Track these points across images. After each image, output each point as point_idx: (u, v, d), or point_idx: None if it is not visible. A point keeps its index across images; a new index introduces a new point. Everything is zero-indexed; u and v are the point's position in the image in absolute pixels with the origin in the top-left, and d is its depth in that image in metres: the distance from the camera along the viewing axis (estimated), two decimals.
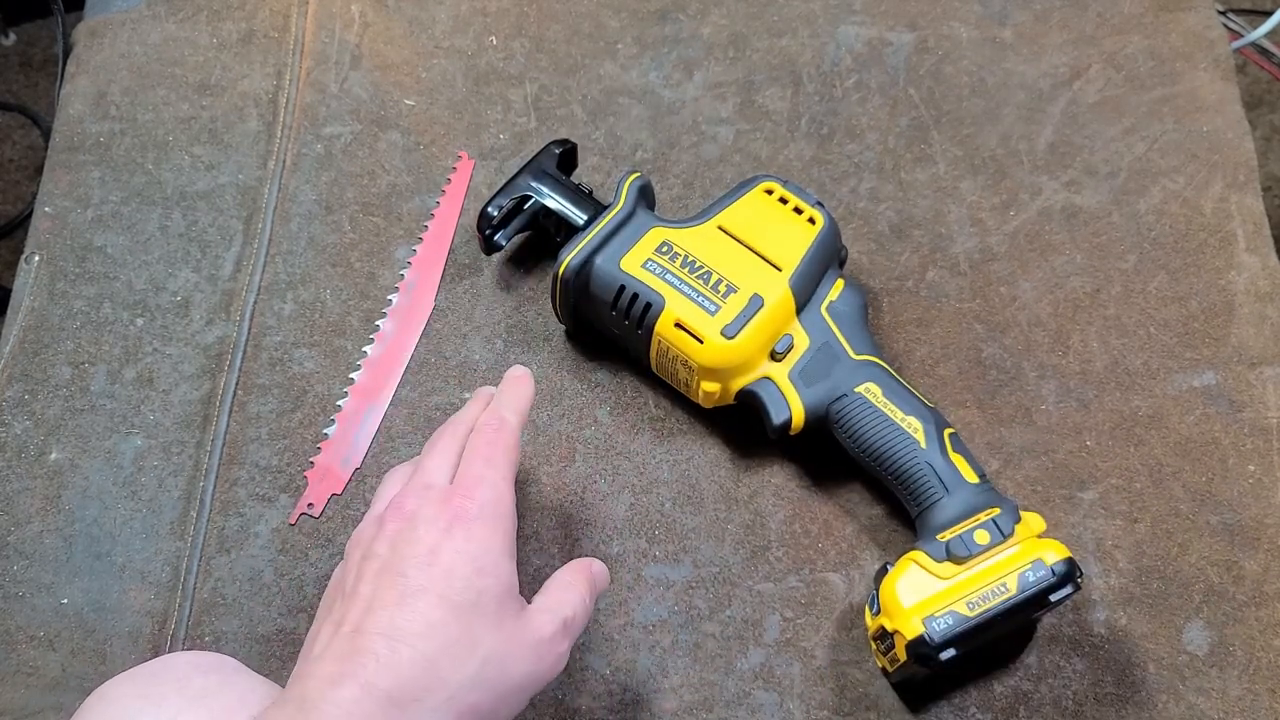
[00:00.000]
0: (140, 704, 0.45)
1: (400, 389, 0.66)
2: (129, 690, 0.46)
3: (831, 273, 0.62)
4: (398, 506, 0.47)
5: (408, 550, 0.45)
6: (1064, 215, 0.70)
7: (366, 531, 0.48)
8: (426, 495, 0.47)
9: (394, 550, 0.46)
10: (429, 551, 0.45)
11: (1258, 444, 0.63)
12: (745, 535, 0.62)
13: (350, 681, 0.41)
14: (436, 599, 0.44)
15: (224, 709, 0.45)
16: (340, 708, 0.41)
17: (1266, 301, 0.66)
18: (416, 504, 0.47)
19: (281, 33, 0.77)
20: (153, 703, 0.45)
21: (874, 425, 0.58)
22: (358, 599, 0.45)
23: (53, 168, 0.73)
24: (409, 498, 0.48)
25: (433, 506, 0.47)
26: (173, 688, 0.46)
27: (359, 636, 0.43)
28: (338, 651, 0.43)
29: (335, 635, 0.44)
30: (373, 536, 0.47)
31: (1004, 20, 0.77)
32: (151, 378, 0.66)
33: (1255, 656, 0.58)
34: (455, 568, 0.45)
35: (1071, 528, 0.61)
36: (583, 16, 0.78)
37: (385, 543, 0.46)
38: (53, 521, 0.62)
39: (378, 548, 0.46)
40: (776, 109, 0.74)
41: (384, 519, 0.47)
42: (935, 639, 0.52)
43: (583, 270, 0.61)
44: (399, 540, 0.46)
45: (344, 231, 0.71)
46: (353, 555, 0.48)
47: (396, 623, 0.43)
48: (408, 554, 0.45)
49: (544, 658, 0.47)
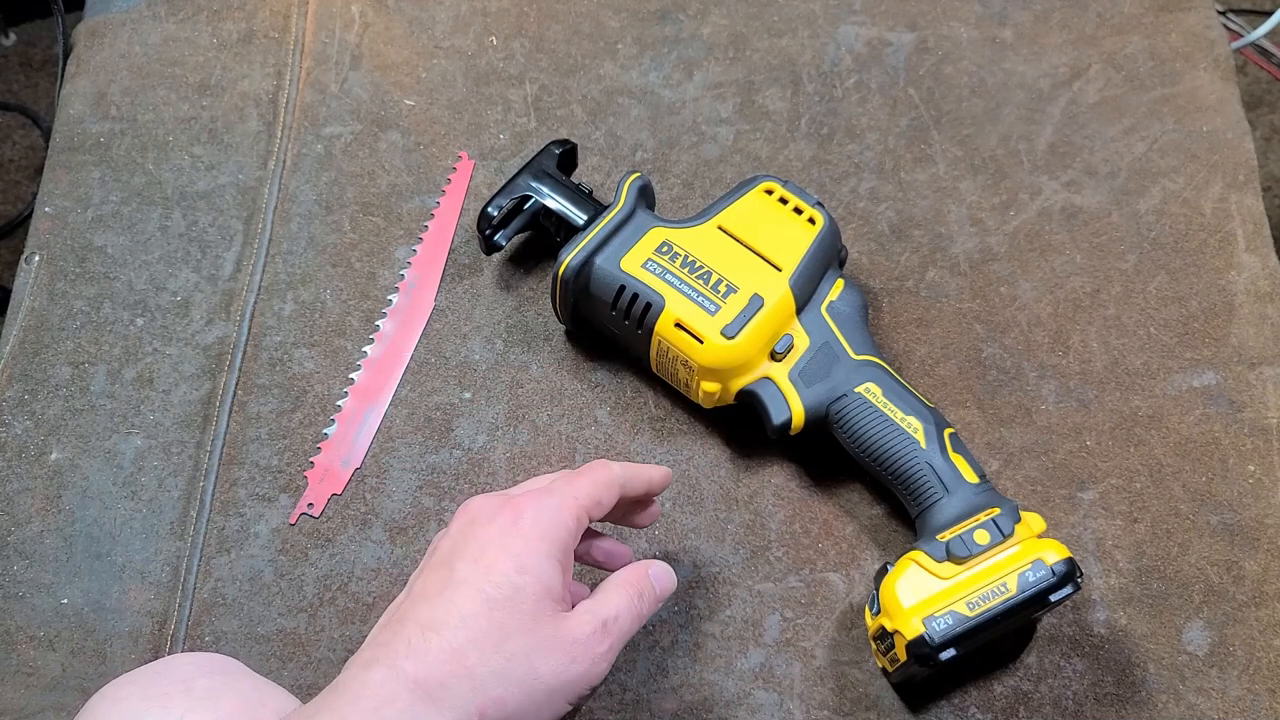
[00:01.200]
0: (146, 705, 0.45)
1: (400, 389, 0.66)
2: (133, 691, 0.46)
3: (831, 273, 0.62)
4: (465, 507, 0.49)
5: (463, 546, 0.47)
6: (1064, 215, 0.70)
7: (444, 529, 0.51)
8: (490, 498, 0.49)
9: (452, 546, 0.47)
10: (479, 548, 0.46)
11: (1258, 444, 0.63)
12: (745, 535, 0.62)
13: (380, 665, 0.43)
14: (474, 591, 0.45)
15: (231, 709, 0.45)
16: (368, 688, 0.42)
17: (1266, 301, 0.66)
18: (481, 505, 0.48)
19: (281, 33, 0.77)
20: (159, 704, 0.45)
21: (874, 425, 0.58)
22: (411, 592, 0.47)
23: (53, 168, 0.73)
24: (478, 500, 0.49)
25: (494, 506, 0.48)
26: (178, 688, 0.46)
27: (399, 625, 0.44)
28: (377, 638, 0.45)
29: (384, 625, 0.46)
30: (442, 534, 0.49)
31: (1004, 20, 0.77)
32: (151, 378, 0.66)
33: (1255, 657, 0.58)
34: (497, 563, 0.45)
35: (1071, 528, 0.61)
36: (583, 16, 0.78)
37: (449, 539, 0.48)
38: (53, 521, 0.62)
39: (442, 544, 0.48)
40: (776, 109, 0.74)
41: (454, 519, 0.49)
42: (935, 639, 0.52)
43: (583, 270, 0.61)
44: (459, 537, 0.47)
45: (344, 231, 0.71)
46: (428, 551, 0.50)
47: (434, 613, 0.44)
48: (461, 550, 0.46)
49: (578, 658, 0.46)
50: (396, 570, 0.61)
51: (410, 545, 0.62)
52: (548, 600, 0.46)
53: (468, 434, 0.64)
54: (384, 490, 0.63)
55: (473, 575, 0.45)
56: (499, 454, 0.64)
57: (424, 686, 0.42)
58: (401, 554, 0.61)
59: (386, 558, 0.61)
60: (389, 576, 0.61)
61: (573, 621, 0.46)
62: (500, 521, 0.47)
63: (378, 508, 0.63)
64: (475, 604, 0.44)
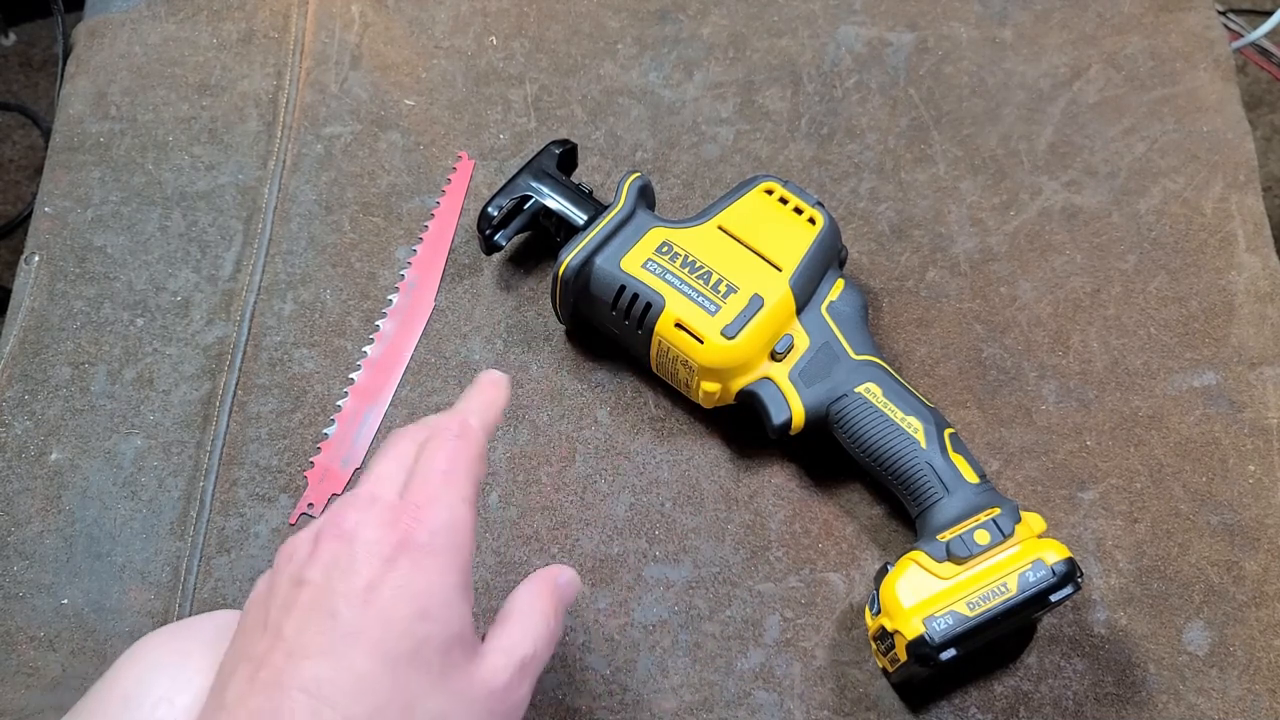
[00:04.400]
0: (166, 659, 0.45)
1: (400, 389, 0.66)
2: (156, 646, 0.46)
3: (831, 273, 0.62)
4: (336, 523, 0.40)
5: (342, 582, 0.38)
6: (1064, 215, 0.70)
7: (302, 545, 0.40)
8: (370, 511, 0.40)
9: (327, 579, 0.38)
10: (366, 586, 0.38)
11: (1258, 444, 0.63)
12: (745, 535, 0.62)
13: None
14: (370, 648, 0.37)
15: None
16: None
17: (1266, 301, 0.66)
18: (357, 522, 0.39)
19: (281, 33, 0.77)
20: (178, 658, 0.44)
21: (874, 425, 0.58)
22: (281, 639, 0.37)
23: (53, 168, 0.73)
24: (350, 512, 0.40)
25: (376, 527, 0.39)
26: (201, 647, 0.45)
27: (278, 692, 0.36)
28: (253, 708, 0.36)
29: (252, 683, 0.37)
30: (307, 555, 0.39)
31: (1004, 20, 0.77)
32: (151, 378, 0.66)
33: (1255, 657, 0.58)
34: (395, 609, 0.38)
35: (1072, 528, 0.61)
36: (583, 16, 0.78)
37: (319, 567, 0.39)
38: (53, 522, 0.62)
39: (310, 572, 0.39)
40: (776, 109, 0.74)
41: (320, 536, 0.40)
42: (935, 639, 0.52)
43: (583, 270, 0.61)
44: (334, 567, 0.38)
45: (344, 231, 0.71)
46: (283, 571, 0.40)
47: (321, 676, 0.36)
48: (341, 587, 0.38)
49: (496, 710, 0.40)
50: None
51: None
52: (456, 647, 0.39)
53: None
54: None
55: (365, 625, 0.37)
56: (499, 454, 0.64)
57: None
58: None
59: None
60: None
61: (486, 668, 0.40)
62: (387, 547, 0.39)
63: None
64: (373, 663, 0.37)
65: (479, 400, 0.45)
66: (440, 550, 0.39)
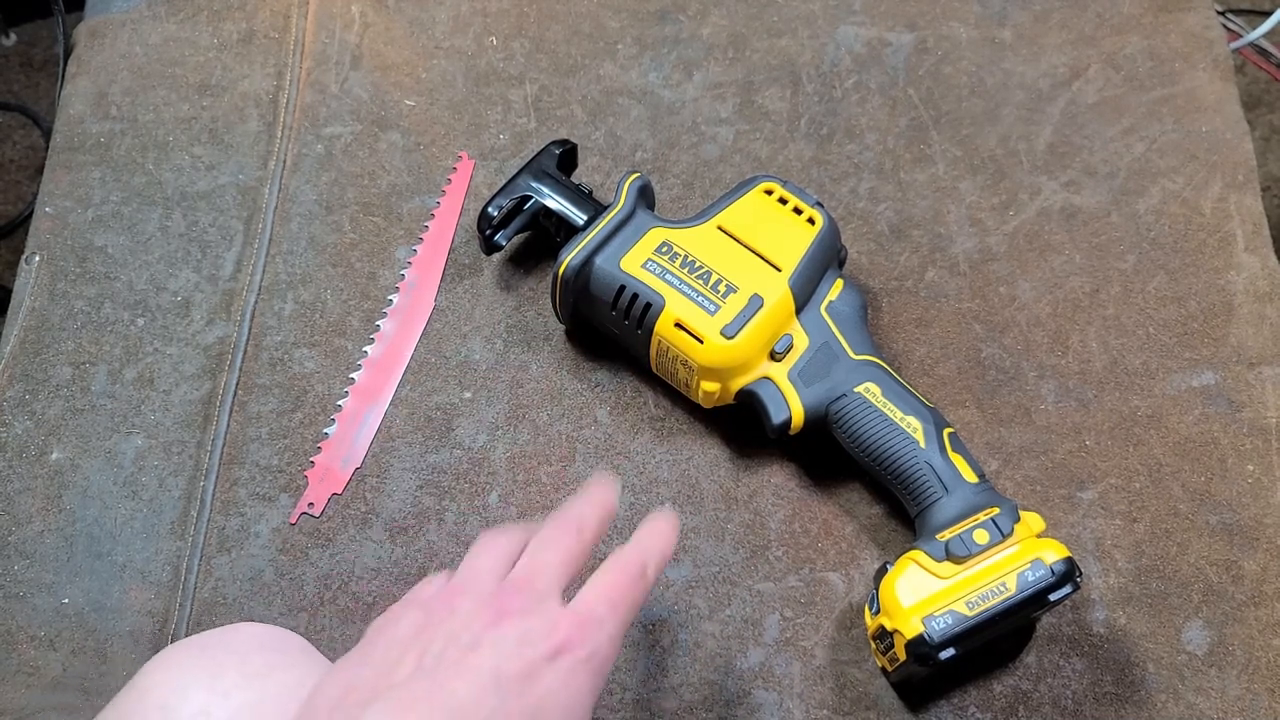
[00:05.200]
0: (197, 674, 0.45)
1: (400, 389, 0.66)
2: (188, 657, 0.46)
3: (831, 273, 0.62)
4: (505, 596, 0.41)
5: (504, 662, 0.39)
6: (1063, 215, 0.70)
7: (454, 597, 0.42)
8: (539, 608, 0.41)
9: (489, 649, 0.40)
10: (525, 675, 0.39)
11: (1257, 444, 0.63)
12: (745, 535, 0.62)
13: None
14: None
15: (279, 690, 0.44)
16: None
17: (1265, 301, 0.67)
18: (524, 608, 0.41)
19: (282, 33, 0.77)
20: (210, 673, 0.44)
21: (873, 425, 0.58)
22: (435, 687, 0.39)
23: (53, 168, 0.73)
24: (517, 597, 0.41)
25: (543, 622, 0.41)
26: (233, 660, 0.45)
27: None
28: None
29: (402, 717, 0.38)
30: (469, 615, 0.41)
31: (1003, 20, 0.77)
32: (152, 378, 0.66)
33: (1254, 656, 0.58)
34: (543, 710, 0.39)
35: (1071, 527, 0.61)
36: (583, 16, 0.78)
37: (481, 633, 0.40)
38: (53, 521, 0.62)
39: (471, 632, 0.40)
40: (776, 109, 0.74)
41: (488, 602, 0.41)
42: (935, 638, 0.52)
43: (583, 270, 0.61)
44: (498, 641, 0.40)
45: (344, 231, 0.71)
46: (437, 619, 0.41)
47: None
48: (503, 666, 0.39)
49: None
50: (397, 570, 0.61)
51: (410, 545, 0.62)
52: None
53: (468, 434, 0.65)
54: (384, 490, 0.63)
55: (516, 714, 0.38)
56: (499, 453, 0.64)
57: None
58: (401, 553, 0.61)
59: (387, 557, 0.61)
60: (389, 576, 0.61)
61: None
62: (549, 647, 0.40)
63: (378, 507, 0.63)
64: None
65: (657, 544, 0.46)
66: (594, 669, 0.41)
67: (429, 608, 0.42)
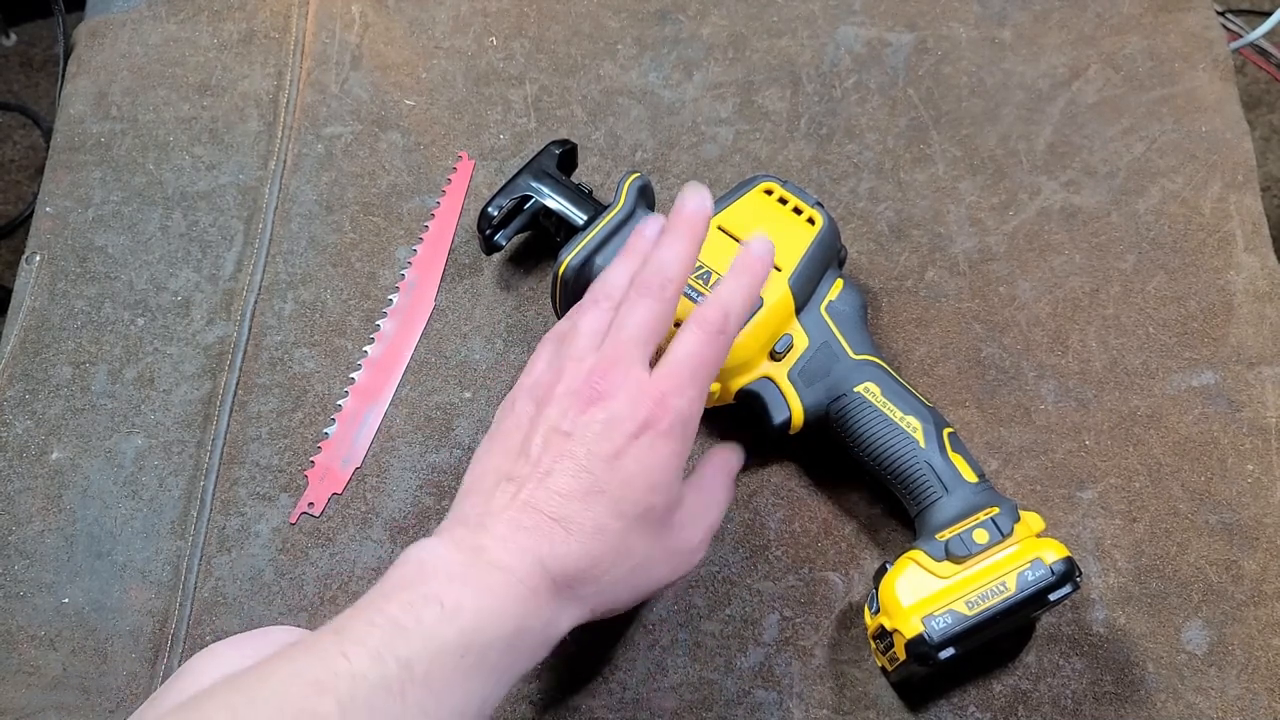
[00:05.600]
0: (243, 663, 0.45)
1: (400, 389, 0.66)
2: (232, 649, 0.47)
3: (831, 273, 0.62)
4: (594, 382, 0.47)
5: (595, 444, 0.46)
6: (1063, 215, 0.70)
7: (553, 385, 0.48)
8: (624, 384, 0.47)
9: (582, 435, 0.46)
10: (614, 453, 0.46)
11: (1256, 444, 0.63)
12: (744, 534, 0.62)
13: (529, 555, 0.45)
14: (610, 504, 0.46)
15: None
16: (515, 575, 0.44)
17: (1265, 301, 0.67)
18: (610, 390, 0.47)
19: (282, 33, 0.78)
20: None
21: (873, 425, 0.58)
22: (539, 470, 0.46)
23: (53, 168, 0.73)
24: (605, 378, 0.47)
25: (628, 401, 0.47)
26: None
27: (537, 514, 0.45)
28: (515, 520, 0.45)
29: (514, 499, 0.46)
30: (565, 404, 0.47)
31: (1003, 21, 0.77)
32: (152, 377, 0.66)
33: (1254, 656, 0.58)
34: (634, 479, 0.46)
35: (1070, 527, 0.61)
36: (583, 16, 0.78)
37: (581, 423, 0.47)
38: (54, 521, 0.62)
39: (565, 423, 0.47)
40: (776, 109, 0.74)
41: (579, 390, 0.47)
42: (934, 638, 0.52)
43: (583, 270, 0.61)
44: (589, 426, 0.47)
45: (344, 231, 0.71)
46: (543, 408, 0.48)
47: (572, 514, 0.45)
48: (595, 448, 0.46)
49: (683, 566, 0.51)
50: None
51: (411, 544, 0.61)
52: (669, 514, 0.49)
53: (468, 433, 0.65)
54: (384, 489, 0.63)
55: (609, 485, 0.46)
56: None
57: (560, 585, 0.45)
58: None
59: (387, 557, 0.61)
60: None
61: (687, 534, 0.50)
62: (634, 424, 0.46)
63: (378, 507, 0.63)
64: (610, 518, 0.46)
65: (744, 292, 0.51)
66: (676, 436, 0.47)
67: (535, 396, 0.49)
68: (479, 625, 0.42)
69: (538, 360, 0.52)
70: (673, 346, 0.49)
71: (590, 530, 0.46)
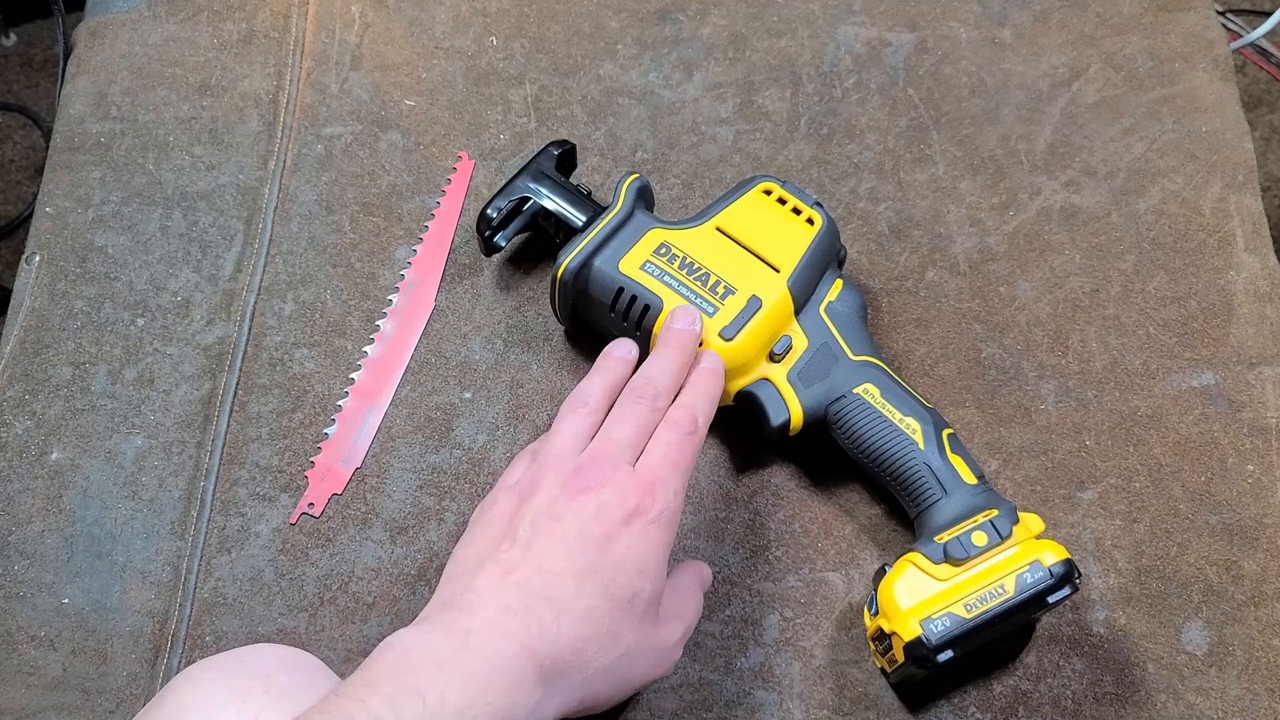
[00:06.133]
0: (227, 695, 0.45)
1: (400, 389, 0.66)
2: (215, 678, 0.46)
3: (830, 273, 0.62)
4: (584, 474, 0.49)
5: (587, 526, 0.47)
6: (1063, 215, 0.70)
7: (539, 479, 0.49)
8: (613, 475, 0.48)
9: (574, 519, 0.47)
10: (605, 538, 0.47)
11: (1257, 444, 0.63)
12: (745, 535, 0.62)
13: (516, 639, 0.44)
14: (601, 586, 0.46)
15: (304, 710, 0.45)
16: (502, 659, 0.43)
17: (1265, 301, 0.67)
18: (601, 480, 0.48)
19: (282, 33, 0.78)
20: (239, 696, 0.45)
21: (872, 426, 0.58)
22: (530, 554, 0.47)
23: (53, 168, 0.73)
24: (593, 472, 0.49)
25: (617, 491, 0.48)
26: (259, 683, 0.46)
27: (526, 595, 0.45)
28: (503, 602, 0.45)
29: (502, 580, 0.46)
30: (554, 493, 0.48)
31: (1003, 20, 0.77)
32: (152, 378, 0.66)
33: (1254, 656, 0.58)
34: (624, 564, 0.47)
35: (1070, 528, 0.61)
36: (583, 16, 0.78)
37: (565, 506, 0.48)
38: (53, 521, 0.62)
39: (555, 508, 0.48)
40: (776, 109, 0.74)
41: (568, 481, 0.48)
42: (933, 641, 0.52)
43: (581, 272, 0.61)
44: (580, 511, 0.47)
45: (344, 232, 0.71)
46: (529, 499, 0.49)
47: (563, 594, 0.46)
48: (587, 530, 0.47)
49: (662, 663, 0.50)
50: (397, 570, 0.61)
51: (410, 545, 0.62)
52: (654, 604, 0.49)
53: (468, 434, 0.65)
54: (384, 490, 0.63)
55: (602, 567, 0.46)
56: (499, 454, 0.64)
57: (546, 672, 0.44)
58: (402, 553, 0.61)
59: (387, 557, 0.61)
60: (389, 576, 0.61)
61: (667, 629, 0.50)
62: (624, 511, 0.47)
63: (378, 507, 0.63)
64: (600, 601, 0.46)
65: (705, 393, 0.54)
66: (663, 526, 0.48)
67: (519, 491, 0.50)
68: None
69: (516, 465, 0.53)
70: (651, 446, 0.51)
71: (580, 611, 0.46)
